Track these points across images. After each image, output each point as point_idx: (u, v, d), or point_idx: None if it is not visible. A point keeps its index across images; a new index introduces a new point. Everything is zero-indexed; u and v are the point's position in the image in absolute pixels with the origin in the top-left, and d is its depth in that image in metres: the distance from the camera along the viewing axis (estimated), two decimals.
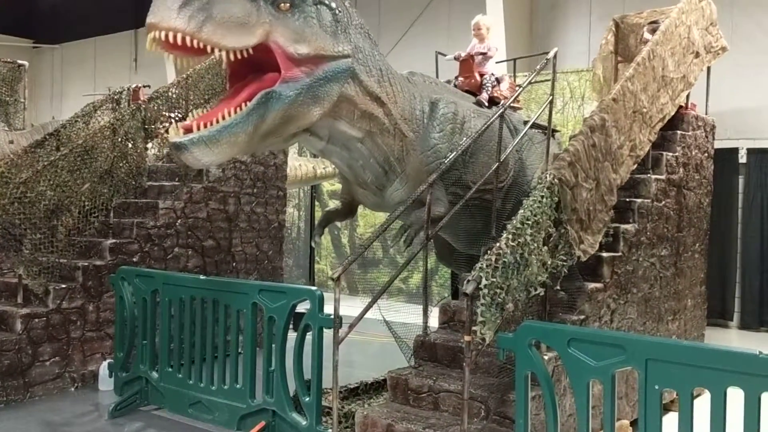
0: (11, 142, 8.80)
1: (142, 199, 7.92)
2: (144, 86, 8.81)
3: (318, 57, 4.43)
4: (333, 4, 4.63)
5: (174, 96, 7.86)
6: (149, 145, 7.82)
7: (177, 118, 7.59)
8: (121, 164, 7.44)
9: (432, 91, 5.69)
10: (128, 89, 8.33)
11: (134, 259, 7.43)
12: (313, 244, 6.52)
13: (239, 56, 4.10)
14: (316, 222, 6.67)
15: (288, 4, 4.29)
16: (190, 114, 4.21)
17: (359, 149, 5.10)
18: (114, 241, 7.36)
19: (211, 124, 4.10)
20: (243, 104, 4.20)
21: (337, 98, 4.61)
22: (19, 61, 10.83)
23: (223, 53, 4.00)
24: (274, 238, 9.34)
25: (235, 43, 4.01)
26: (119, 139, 7.34)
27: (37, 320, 6.54)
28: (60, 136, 7.38)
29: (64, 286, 6.82)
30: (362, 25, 4.95)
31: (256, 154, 8.56)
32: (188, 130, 4.07)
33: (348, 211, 6.12)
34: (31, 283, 6.62)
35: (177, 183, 8.09)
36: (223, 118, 4.13)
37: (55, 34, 21.32)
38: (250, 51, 4.12)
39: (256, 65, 4.34)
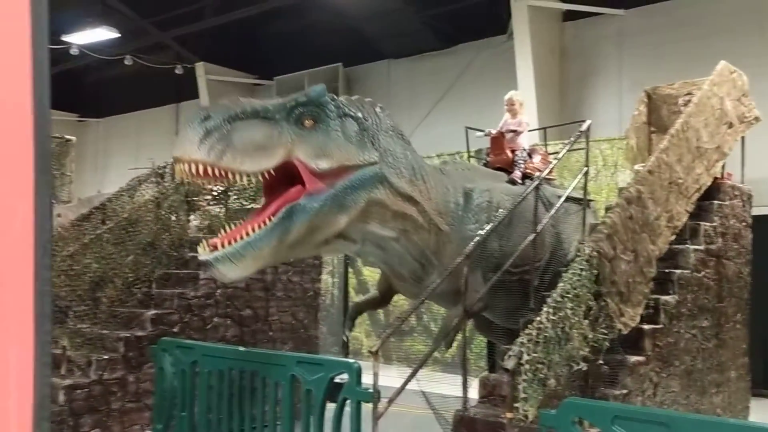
0: (59, 215, 9.10)
1: (183, 270, 8.09)
2: None
3: (341, 168, 4.54)
4: (359, 114, 4.75)
5: None
6: (191, 217, 8.02)
7: (217, 193, 7.81)
8: (163, 236, 7.65)
9: (465, 179, 5.77)
10: (172, 163, 8.61)
11: (174, 330, 7.54)
12: (344, 338, 6.56)
13: (261, 178, 4.24)
14: (348, 309, 6.67)
15: (312, 121, 4.43)
16: (221, 229, 4.37)
17: (394, 248, 5.16)
18: (155, 311, 7.49)
19: (236, 241, 4.21)
20: (268, 219, 4.30)
21: (365, 204, 4.68)
22: (67, 136, 11.27)
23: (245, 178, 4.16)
24: (309, 307, 9.40)
25: (255, 167, 4.16)
26: (162, 212, 7.56)
27: (79, 391, 6.64)
28: (106, 210, 7.63)
29: (106, 357, 6.93)
30: (393, 127, 5.07)
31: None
32: (214, 247, 4.20)
33: (383, 299, 6.15)
34: (74, 355, 6.75)
35: None
36: (248, 234, 4.23)
37: (100, 109, 22.14)
38: (272, 172, 4.25)
39: (290, 175, 4.44)
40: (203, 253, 4.23)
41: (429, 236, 5.25)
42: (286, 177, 4.43)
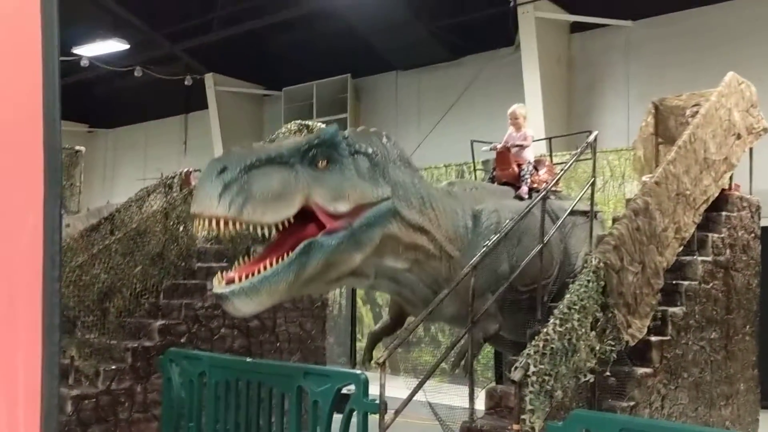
0: (67, 225, 9.14)
1: (191, 280, 8.11)
2: (195, 170, 9.15)
3: (358, 207, 4.50)
4: (369, 150, 4.72)
5: None
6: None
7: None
8: (172, 247, 7.68)
9: (473, 199, 5.77)
10: (180, 174, 8.66)
11: (182, 340, 7.56)
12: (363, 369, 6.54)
13: (281, 228, 4.18)
14: (365, 344, 6.59)
15: (325, 162, 4.39)
16: (236, 262, 4.34)
17: (407, 278, 5.16)
18: (163, 322, 7.51)
19: (253, 275, 4.14)
20: (285, 254, 4.24)
21: (379, 240, 4.65)
22: (77, 147, 11.35)
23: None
24: (317, 318, 9.40)
25: (276, 217, 4.09)
26: (171, 223, 7.60)
27: (87, 402, 6.66)
28: (114, 221, 7.68)
29: (113, 367, 6.95)
30: (400, 156, 5.04)
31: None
32: (230, 281, 4.14)
33: (396, 325, 6.14)
34: (82, 365, 6.77)
35: (225, 264, 8.27)
36: (265, 268, 4.17)
37: (110, 119, 22.30)
38: (291, 220, 4.19)
39: (303, 212, 4.39)
40: (218, 287, 4.17)
41: (440, 263, 5.23)
42: (299, 213, 4.38)
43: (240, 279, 4.13)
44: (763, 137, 7.62)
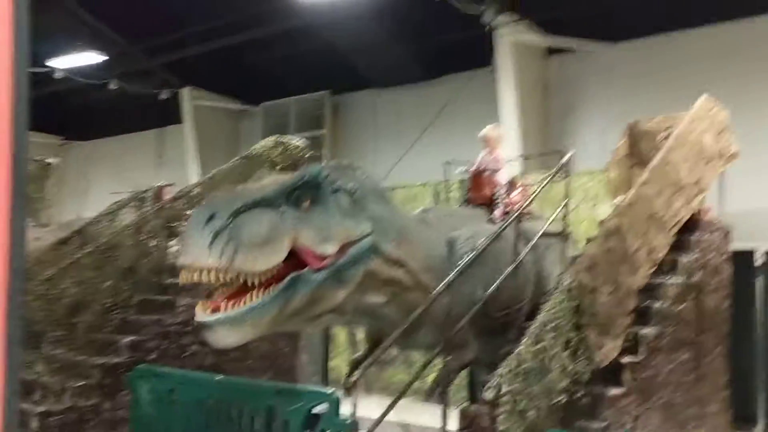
0: (38, 238, 9.00)
1: (162, 296, 7.99)
2: (168, 185, 9.08)
3: (343, 246, 4.51)
4: (349, 186, 4.72)
5: (197, 195, 8.08)
6: (171, 243, 7.97)
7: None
8: (143, 262, 7.58)
9: (448, 226, 5.79)
10: (153, 189, 8.58)
11: (152, 357, 7.43)
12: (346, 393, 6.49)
13: (271, 274, 4.15)
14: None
15: (308, 202, 4.40)
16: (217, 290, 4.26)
17: (384, 312, 5.15)
18: (132, 338, 7.38)
19: (239, 305, 4.10)
20: (272, 286, 4.21)
21: (361, 277, 4.65)
22: (48, 159, 11.22)
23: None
24: (290, 336, 9.31)
25: (267, 264, 4.07)
26: (142, 238, 7.51)
27: (52, 418, 6.50)
28: (85, 234, 7.57)
29: (80, 383, 6.81)
30: (374, 188, 5.03)
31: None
32: (216, 309, 4.09)
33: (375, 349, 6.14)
34: (48, 380, 6.63)
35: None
36: (251, 299, 4.13)
37: (84, 131, 22.04)
38: (281, 264, 4.18)
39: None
40: (202, 315, 4.11)
41: (417, 294, 5.21)
42: None
43: (225, 308, 4.07)
44: (734, 162, 7.74)
